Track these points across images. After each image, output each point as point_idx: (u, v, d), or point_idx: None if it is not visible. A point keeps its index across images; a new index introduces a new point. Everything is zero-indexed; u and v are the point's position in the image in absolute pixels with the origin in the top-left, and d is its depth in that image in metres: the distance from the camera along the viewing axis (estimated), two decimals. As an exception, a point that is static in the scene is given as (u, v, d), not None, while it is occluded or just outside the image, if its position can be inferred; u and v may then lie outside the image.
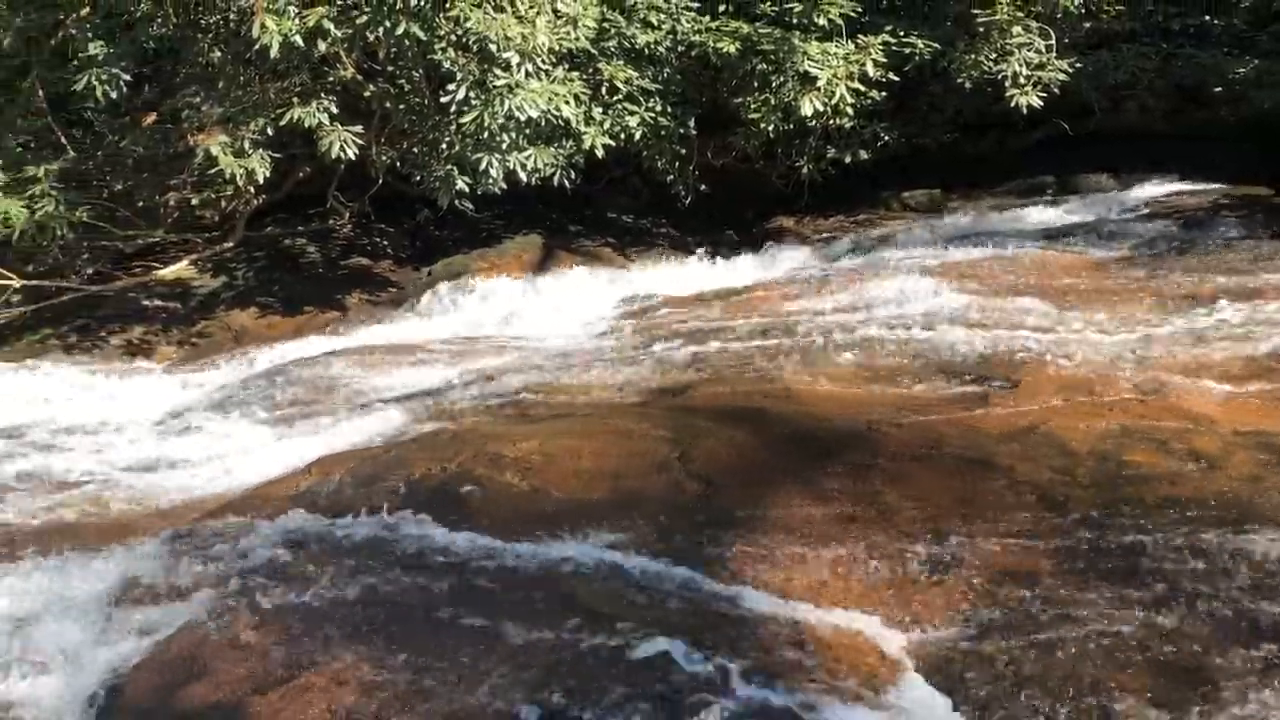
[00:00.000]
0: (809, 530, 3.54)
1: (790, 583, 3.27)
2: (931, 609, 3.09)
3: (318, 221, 9.64)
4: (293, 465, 4.99)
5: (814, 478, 3.86)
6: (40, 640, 3.66)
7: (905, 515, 3.54)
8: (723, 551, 3.49)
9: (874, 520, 3.55)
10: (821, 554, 3.41)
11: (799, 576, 3.31)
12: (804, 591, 3.22)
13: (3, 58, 9.06)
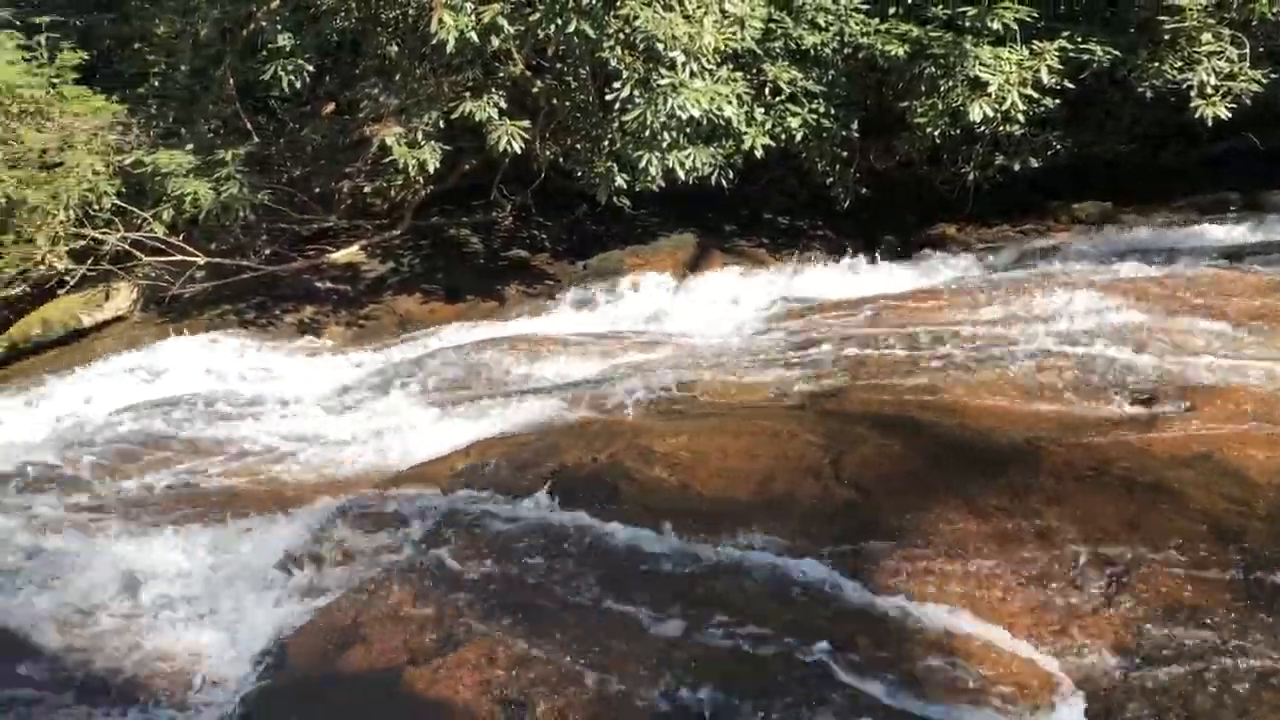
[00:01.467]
0: (965, 545, 3.46)
1: (944, 597, 3.21)
2: (1093, 634, 2.98)
3: (481, 213, 9.90)
4: (451, 446, 5.15)
5: (971, 492, 3.77)
6: (216, 598, 3.90)
7: (1067, 536, 3.42)
8: (874, 560, 3.45)
9: (1033, 539, 3.45)
10: (977, 570, 3.33)
11: (954, 591, 3.25)
12: (959, 606, 3.16)
13: (199, 48, 9.64)
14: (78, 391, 7.31)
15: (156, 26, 9.42)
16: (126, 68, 10.17)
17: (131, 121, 9.46)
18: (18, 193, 8.83)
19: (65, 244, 9.19)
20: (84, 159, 8.93)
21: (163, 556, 4.27)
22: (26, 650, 3.85)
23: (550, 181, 9.06)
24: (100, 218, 9.18)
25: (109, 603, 4.00)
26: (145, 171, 8.97)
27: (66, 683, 3.64)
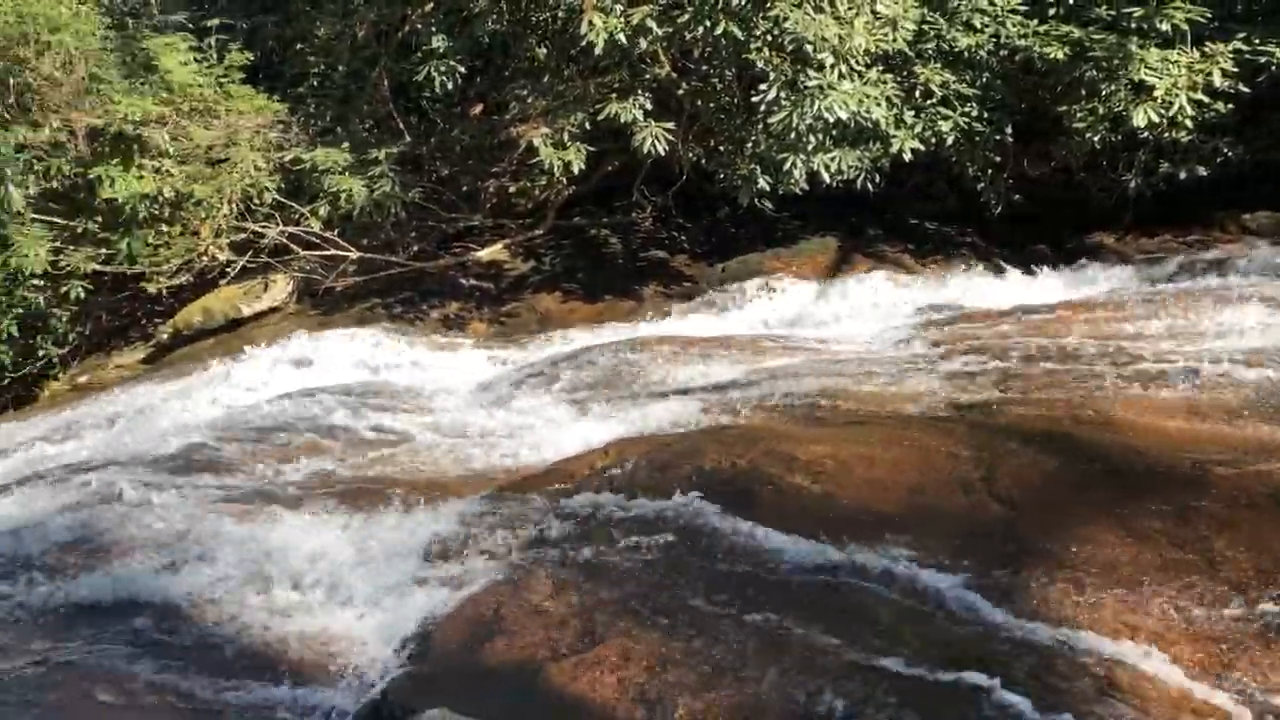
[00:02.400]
0: (1123, 570, 3.30)
1: (1101, 623, 3.07)
2: (1267, 670, 2.80)
3: (621, 214, 9.98)
4: (590, 444, 5.19)
5: (1130, 514, 3.60)
6: (363, 584, 4.01)
7: (1236, 566, 3.23)
8: (1026, 580, 3.32)
9: (1198, 567, 3.26)
10: (1137, 597, 3.17)
11: (1110, 618, 3.09)
12: (1116, 634, 3.01)
13: (357, 49, 9.98)
14: (236, 378, 7.64)
15: (317, 28, 9.79)
16: (288, 68, 10.60)
17: (291, 120, 9.86)
18: (185, 187, 9.30)
19: (227, 236, 9.63)
20: (247, 156, 9.34)
21: (313, 541, 4.41)
22: (182, 625, 4.03)
23: (691, 183, 9.06)
24: (260, 212, 9.59)
25: (261, 583, 4.15)
26: (303, 168, 9.34)
27: (218, 658, 3.79)
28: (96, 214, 9.64)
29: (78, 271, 9.50)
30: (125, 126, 9.24)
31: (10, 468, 6.53)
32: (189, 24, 10.12)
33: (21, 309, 9.63)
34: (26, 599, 4.32)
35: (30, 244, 9.00)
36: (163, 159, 9.30)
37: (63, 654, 3.90)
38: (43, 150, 9.25)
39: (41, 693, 3.64)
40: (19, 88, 9.19)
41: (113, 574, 4.37)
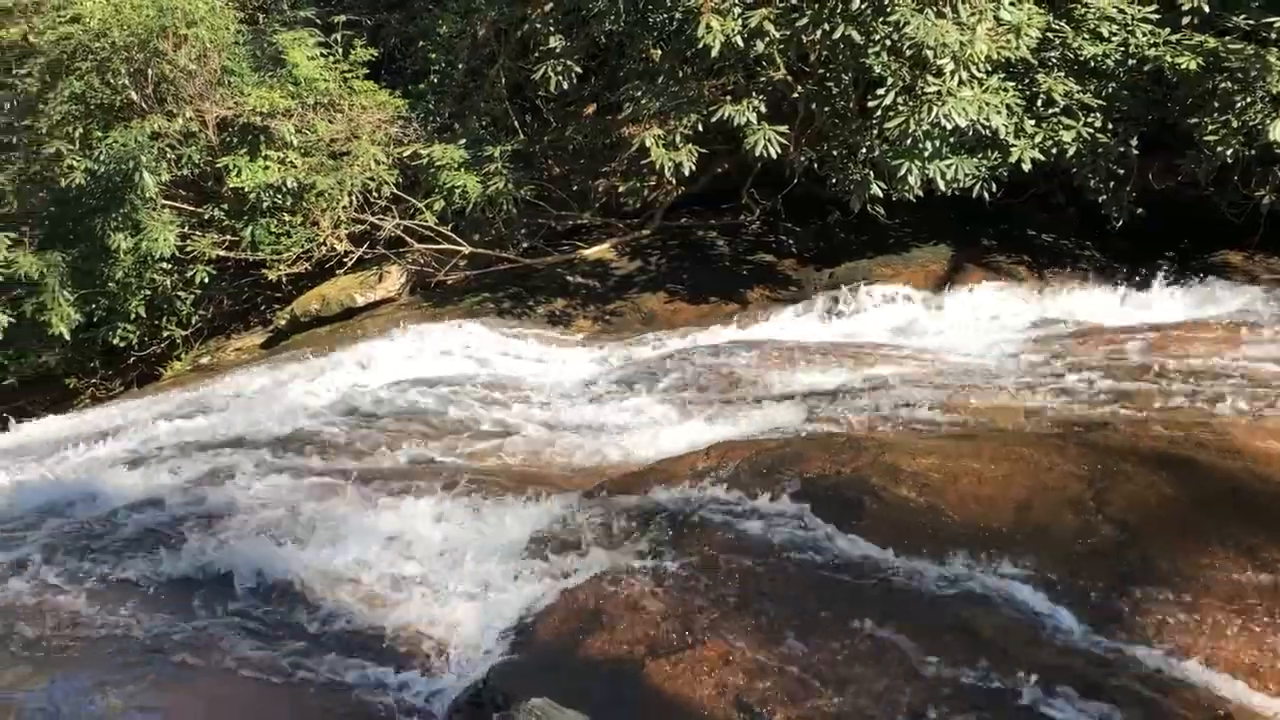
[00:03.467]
0: (1243, 600, 3.19)
1: (1217, 655, 2.97)
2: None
3: (729, 216, 9.96)
4: (692, 445, 5.20)
5: (1252, 542, 3.47)
6: (469, 570, 4.09)
7: (1371, 604, 3.09)
8: (1138, 605, 3.23)
9: (1329, 603, 3.13)
10: (1257, 628, 3.06)
11: (1227, 649, 2.99)
12: (1233, 667, 2.91)
13: (476, 47, 10.19)
14: (349, 365, 7.86)
15: (439, 26, 10.01)
16: (409, 65, 10.86)
17: (411, 116, 10.10)
18: (308, 178, 9.61)
19: (346, 228, 9.93)
20: (368, 149, 9.60)
21: (422, 526, 4.53)
22: (293, 602, 4.17)
23: (801, 186, 8.99)
24: (378, 205, 9.86)
25: (372, 564, 4.27)
26: (421, 163, 9.57)
27: (326, 636, 3.92)
28: (223, 202, 10.03)
29: (203, 257, 9.91)
30: (254, 118, 9.59)
31: (135, 443, 6.83)
32: (317, 20, 10.44)
33: (149, 291, 10.06)
34: (147, 568, 4.52)
35: (160, 229, 9.41)
36: (287, 150, 9.62)
37: (179, 622, 4.08)
38: (175, 139, 9.65)
39: (157, 656, 3.81)
40: (156, 78, 9.61)
41: (228, 549, 4.55)
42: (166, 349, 10.81)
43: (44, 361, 10.48)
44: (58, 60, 9.68)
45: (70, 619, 4.10)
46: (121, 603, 4.22)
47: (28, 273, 9.43)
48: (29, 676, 3.59)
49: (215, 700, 3.56)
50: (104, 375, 11.04)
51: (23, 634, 3.97)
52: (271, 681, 3.64)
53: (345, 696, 3.54)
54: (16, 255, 9.48)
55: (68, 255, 9.66)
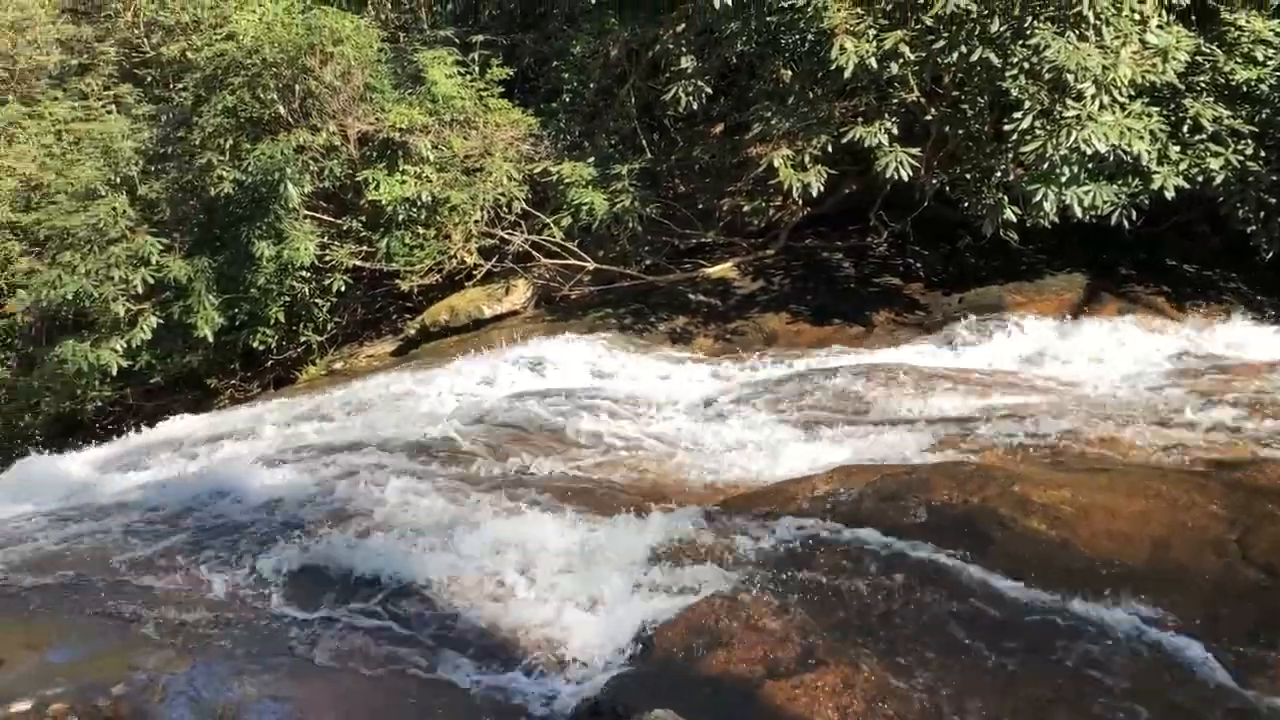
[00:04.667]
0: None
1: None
2: None
3: (856, 238, 9.88)
4: (813, 468, 5.17)
5: None
6: (589, 581, 4.13)
7: None
8: (1285, 655, 3.09)
9: None
10: None
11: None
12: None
13: (608, 67, 10.34)
14: (477, 375, 8.04)
15: (573, 46, 10.20)
16: (542, 83, 11.09)
17: (542, 134, 10.31)
18: (442, 193, 9.89)
19: (476, 241, 10.19)
20: (500, 166, 9.84)
21: (543, 535, 4.59)
22: (420, 603, 4.27)
23: (930, 209, 8.87)
24: (508, 220, 10.09)
25: (494, 569, 4.35)
26: (550, 180, 9.76)
27: (453, 635, 4.00)
28: (361, 214, 10.40)
29: (340, 266, 10.28)
30: (393, 134, 9.92)
31: (272, 443, 7.11)
32: (455, 39, 10.74)
33: (289, 297, 10.48)
34: (283, 563, 4.70)
35: (301, 238, 9.80)
36: (424, 165, 9.92)
37: (311, 616, 4.22)
38: (319, 152, 10.04)
39: (290, 648, 3.95)
40: (302, 94, 10.02)
41: (359, 548, 4.69)
42: (302, 354, 11.23)
43: (188, 362, 10.99)
44: (212, 75, 10.19)
45: (212, 608, 4.29)
46: (259, 595, 4.40)
47: (177, 277, 9.92)
48: (173, 660, 3.76)
49: (342, 693, 3.67)
50: (243, 377, 11.54)
51: (169, 619, 4.17)
52: (395, 678, 3.74)
53: (466, 697, 3.61)
54: (167, 260, 9.99)
55: (214, 261, 10.13)
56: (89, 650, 3.94)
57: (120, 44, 13.34)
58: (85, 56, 13.78)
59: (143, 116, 11.46)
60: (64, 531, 5.53)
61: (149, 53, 12.80)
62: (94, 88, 12.94)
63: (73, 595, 4.58)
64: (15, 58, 14.06)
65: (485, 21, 11.84)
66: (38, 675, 3.66)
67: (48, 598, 4.56)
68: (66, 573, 4.82)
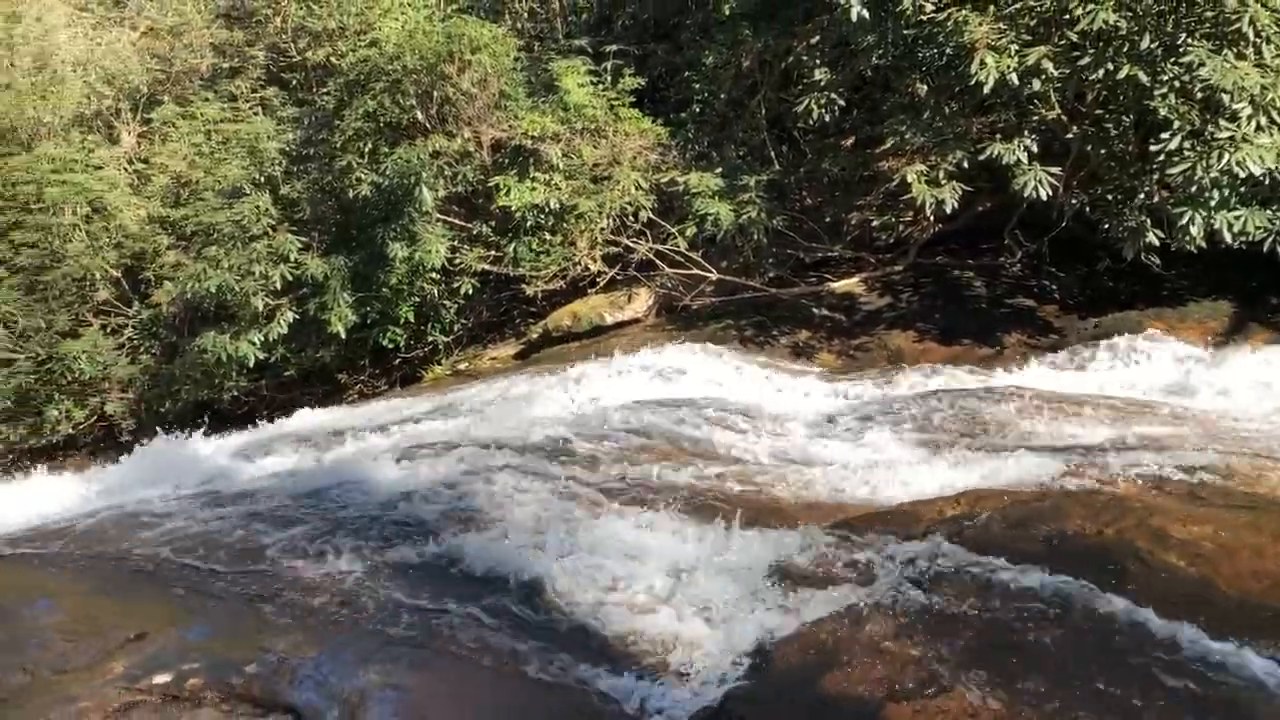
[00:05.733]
0: None
1: None
2: None
3: (988, 256, 9.63)
4: (939, 490, 5.06)
5: None
6: (708, 592, 4.12)
7: None
8: None
9: None
10: None
11: None
12: None
13: (739, 78, 10.33)
14: (596, 381, 8.11)
15: (705, 57, 10.22)
16: (673, 94, 11.14)
17: (671, 143, 10.36)
18: (571, 200, 10.02)
19: (601, 249, 10.29)
20: (628, 175, 9.92)
21: (661, 542, 4.61)
22: (539, 603, 4.32)
23: (1067, 230, 8.61)
24: (633, 229, 10.16)
25: (612, 574, 4.38)
26: (677, 190, 9.79)
27: (570, 636, 4.04)
28: (490, 219, 10.61)
29: (469, 269, 10.52)
30: (525, 141, 10.11)
31: (398, 439, 7.30)
32: (589, 49, 10.89)
33: (418, 298, 10.76)
34: (408, 555, 4.82)
35: (433, 241, 10.06)
36: (553, 173, 10.08)
37: (434, 609, 4.31)
38: (453, 158, 10.29)
39: (413, 639, 4.04)
40: (440, 100, 10.28)
41: (481, 545, 4.78)
42: (428, 353, 11.52)
43: (320, 357, 11.37)
44: (355, 81, 10.53)
45: (339, 595, 4.42)
46: (384, 585, 4.51)
47: (314, 275, 10.27)
48: (301, 644, 3.88)
49: (462, 687, 3.74)
50: (371, 373, 11.89)
51: (298, 604, 4.32)
52: (512, 674, 3.79)
53: (581, 698, 3.64)
54: (305, 258, 10.35)
55: (349, 261, 10.46)
56: (223, 629, 4.10)
57: (269, 49, 13.91)
58: (236, 60, 14.40)
59: (287, 119, 11.92)
60: (201, 514, 5.79)
61: (295, 58, 13.31)
62: (243, 90, 13.50)
63: (208, 575, 4.78)
64: (172, 60, 14.78)
65: (618, 32, 11.96)
66: (176, 649, 3.82)
67: (186, 576, 4.77)
68: (203, 553, 5.03)
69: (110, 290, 12.39)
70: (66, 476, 8.13)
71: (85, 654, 3.83)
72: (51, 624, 4.09)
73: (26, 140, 13.44)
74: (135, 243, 12.29)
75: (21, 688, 3.64)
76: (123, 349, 12.21)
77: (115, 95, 14.58)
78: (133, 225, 12.33)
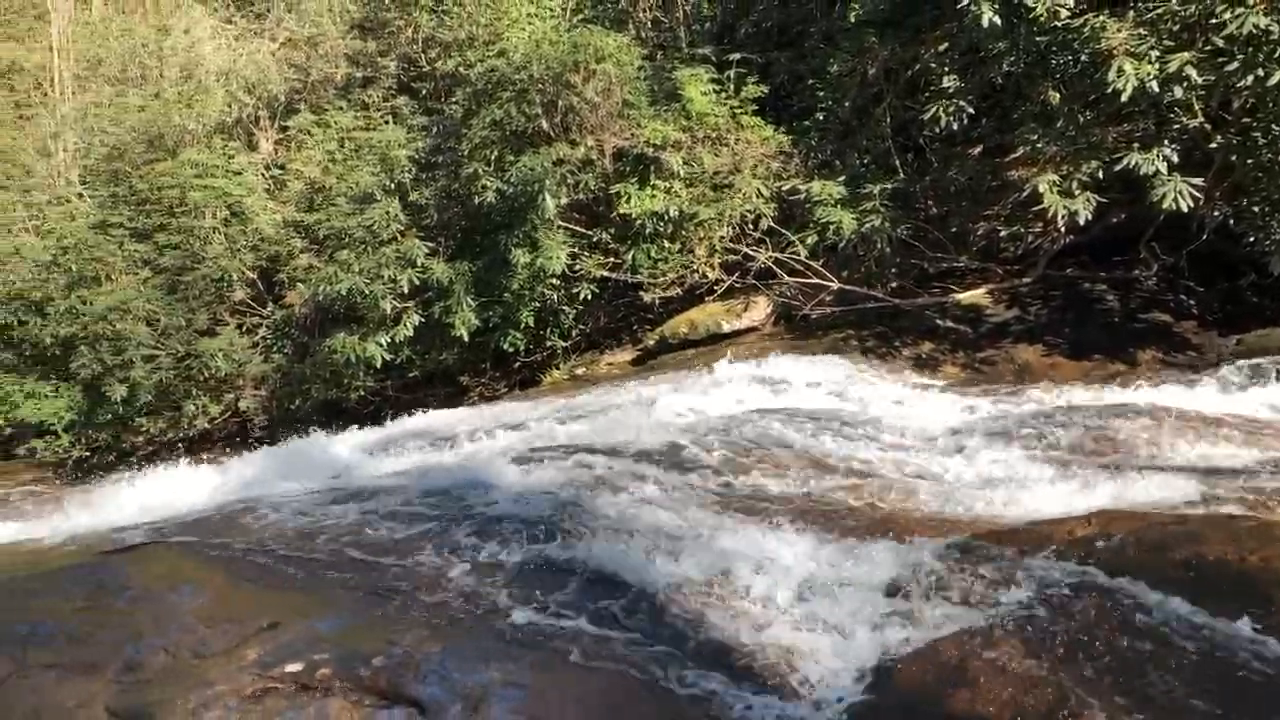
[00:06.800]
0: None
1: None
2: None
3: (1121, 269, 9.28)
4: (1069, 509, 4.90)
5: None
6: (827, 605, 4.08)
7: None
8: None
9: None
10: None
11: None
12: None
13: (865, 86, 10.19)
14: (713, 388, 8.10)
15: (830, 64, 10.12)
16: (795, 101, 11.06)
17: (793, 151, 10.29)
18: (690, 208, 10.04)
19: (720, 256, 10.27)
20: (749, 182, 9.90)
21: (780, 553, 4.57)
22: (654, 610, 4.33)
23: (1208, 243, 8.25)
24: (752, 237, 10.12)
25: (731, 583, 4.37)
26: (798, 198, 9.71)
27: (689, 644, 4.03)
28: (610, 226, 10.71)
29: (588, 276, 10.64)
30: (646, 149, 10.17)
31: (518, 441, 7.42)
32: (712, 57, 10.89)
33: (539, 303, 10.93)
34: (529, 556, 4.89)
35: (555, 248, 10.20)
36: (673, 180, 10.11)
37: (553, 610, 4.37)
38: (575, 166, 10.41)
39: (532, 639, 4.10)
40: (564, 109, 10.41)
41: (601, 548, 4.82)
42: (547, 357, 11.68)
43: (443, 359, 11.65)
44: (482, 90, 10.76)
45: (461, 592, 4.51)
46: (504, 584, 4.59)
47: (439, 279, 10.52)
48: (426, 639, 3.98)
49: (580, 689, 3.77)
50: (492, 376, 12.12)
51: (422, 600, 4.43)
52: (629, 679, 3.81)
53: (698, 705, 3.63)
54: (431, 263, 10.62)
55: (473, 266, 10.69)
56: (351, 621, 4.23)
57: (400, 59, 14.32)
58: (369, 70, 14.87)
59: (416, 127, 12.24)
60: (331, 509, 5.98)
61: (425, 67, 13.67)
62: (374, 99, 13.94)
63: (337, 568, 4.93)
64: (309, 70, 15.34)
65: (741, 39, 11.93)
66: (307, 639, 3.95)
67: (316, 568, 4.94)
68: (333, 546, 5.20)
69: (246, 291, 12.91)
70: (204, 469, 8.49)
71: (222, 640, 4.00)
72: (192, 609, 4.28)
73: (172, 146, 14.12)
74: (271, 246, 12.80)
75: (164, 669, 3.81)
76: (256, 347, 12.72)
77: (255, 103, 15.22)
78: (269, 229, 12.83)
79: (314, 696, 3.60)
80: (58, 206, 15.62)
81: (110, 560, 5.12)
